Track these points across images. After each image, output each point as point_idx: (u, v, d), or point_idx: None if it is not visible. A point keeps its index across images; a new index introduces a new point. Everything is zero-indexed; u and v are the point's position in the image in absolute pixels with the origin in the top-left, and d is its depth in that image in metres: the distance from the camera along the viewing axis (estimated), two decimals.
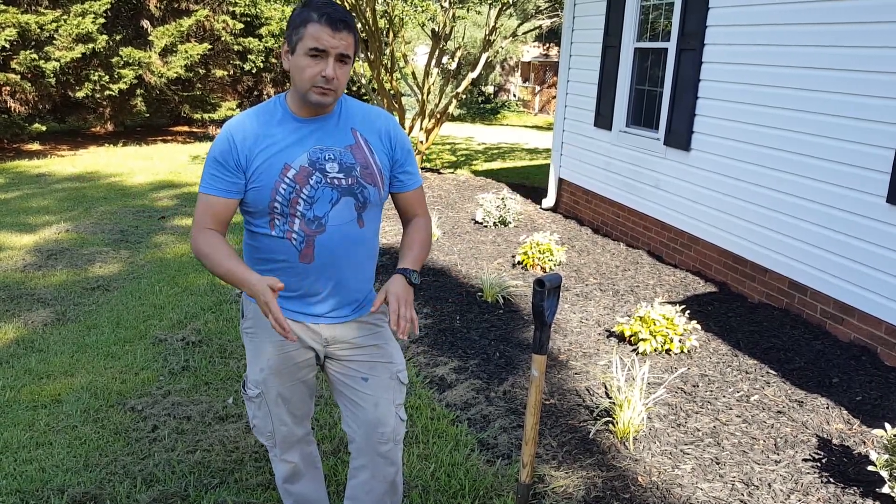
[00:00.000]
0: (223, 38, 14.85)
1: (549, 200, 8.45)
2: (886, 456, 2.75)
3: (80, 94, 13.03)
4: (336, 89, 1.97)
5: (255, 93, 16.91)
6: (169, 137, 15.96)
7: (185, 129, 17.41)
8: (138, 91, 14.11)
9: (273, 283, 1.86)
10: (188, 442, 3.26)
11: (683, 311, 4.50)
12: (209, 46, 14.44)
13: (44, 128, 13.30)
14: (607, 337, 4.47)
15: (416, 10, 9.67)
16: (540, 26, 18.59)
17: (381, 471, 2.24)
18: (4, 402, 3.65)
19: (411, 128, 11.21)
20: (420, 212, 2.28)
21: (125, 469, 3.05)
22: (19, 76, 11.97)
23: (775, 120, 4.95)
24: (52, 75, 12.14)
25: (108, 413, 3.54)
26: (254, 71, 15.82)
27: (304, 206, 2.02)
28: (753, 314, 4.87)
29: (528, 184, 10.26)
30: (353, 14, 10.08)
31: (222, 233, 2.08)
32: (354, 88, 16.04)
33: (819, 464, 3.07)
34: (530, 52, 29.62)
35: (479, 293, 5.18)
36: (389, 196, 2.23)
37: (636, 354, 4.17)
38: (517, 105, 28.65)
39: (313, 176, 2.01)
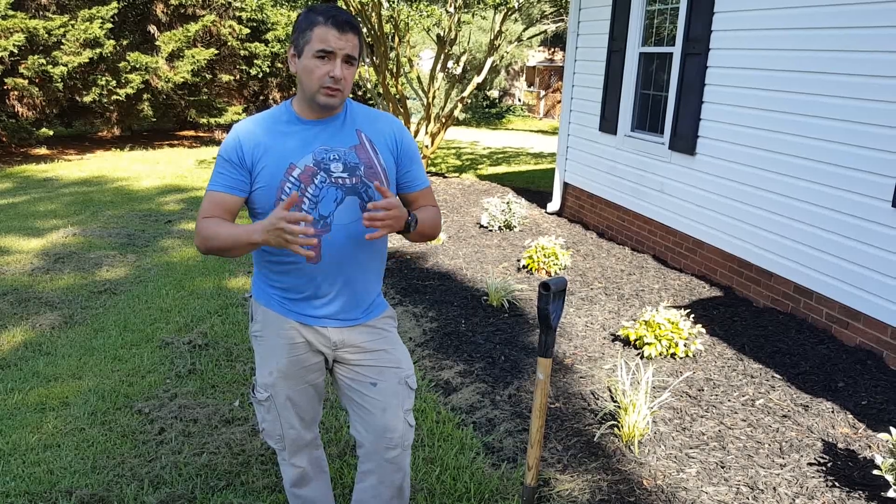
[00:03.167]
0: (229, 43, 14.92)
1: (554, 204, 8.47)
2: (892, 460, 2.75)
3: (87, 99, 13.11)
4: (343, 90, 2.01)
5: (262, 97, 16.98)
6: (175, 142, 16.03)
7: (192, 133, 17.49)
8: (145, 96, 14.19)
9: (280, 207, 1.82)
10: (195, 444, 3.28)
11: (688, 315, 4.50)
12: (216, 51, 14.52)
13: (51, 132, 13.38)
14: (612, 341, 4.47)
15: (421, 15, 9.70)
16: (545, 31, 18.62)
17: (388, 476, 2.24)
18: (13, 405, 3.68)
19: (416, 132, 11.25)
20: (431, 204, 2.28)
21: (132, 471, 3.07)
22: (27, 81, 12.06)
23: (781, 124, 4.95)
24: (59, 80, 12.22)
25: (115, 415, 3.56)
26: (260, 76, 15.89)
27: (310, 206, 2.04)
28: (759, 318, 4.87)
29: (534, 188, 10.27)
30: (359, 19, 10.12)
31: None
32: (360, 93, 16.08)
33: (824, 468, 3.07)
34: (535, 56, 29.65)
35: (485, 297, 5.19)
36: (401, 197, 2.24)
37: (641, 358, 4.18)
38: (522, 109, 28.68)
39: (318, 175, 2.04)
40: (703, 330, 4.47)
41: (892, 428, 2.88)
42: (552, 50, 28.61)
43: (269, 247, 2.09)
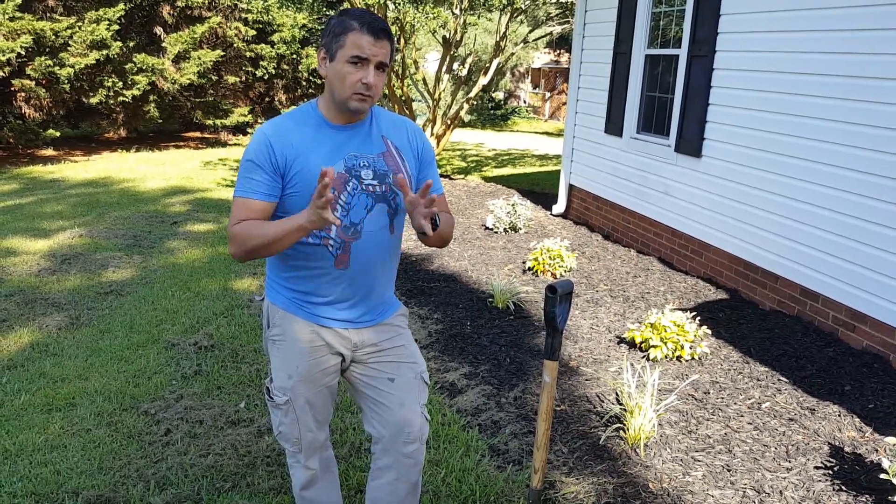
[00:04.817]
0: (235, 45, 14.95)
1: (559, 206, 8.46)
2: None
3: (93, 101, 13.15)
4: (374, 96, 2.02)
5: (267, 99, 17.00)
6: (181, 143, 16.07)
7: (198, 134, 17.53)
8: (151, 97, 14.23)
9: (318, 191, 1.77)
10: (200, 446, 3.29)
11: (694, 317, 4.49)
12: (222, 53, 14.55)
13: (58, 133, 13.43)
14: (618, 343, 4.47)
15: (427, 17, 9.71)
16: (551, 33, 18.63)
17: (405, 471, 2.26)
18: (20, 406, 3.69)
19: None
20: (446, 210, 2.29)
21: (138, 472, 3.08)
22: (34, 82, 12.10)
23: (787, 126, 4.94)
24: (66, 81, 12.26)
25: (121, 417, 3.57)
26: (266, 77, 15.90)
27: (342, 213, 2.05)
28: (765, 321, 4.86)
29: (539, 190, 10.27)
30: None
31: None
32: None
33: (831, 471, 3.06)
34: (541, 58, 29.65)
35: (490, 299, 5.19)
36: None
37: (647, 361, 4.17)
38: (527, 111, 28.68)
39: (350, 182, 2.05)
40: (709, 332, 4.46)
41: None
42: (557, 52, 28.60)
43: (294, 253, 2.08)
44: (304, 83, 16.78)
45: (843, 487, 2.94)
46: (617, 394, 3.77)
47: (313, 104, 2.12)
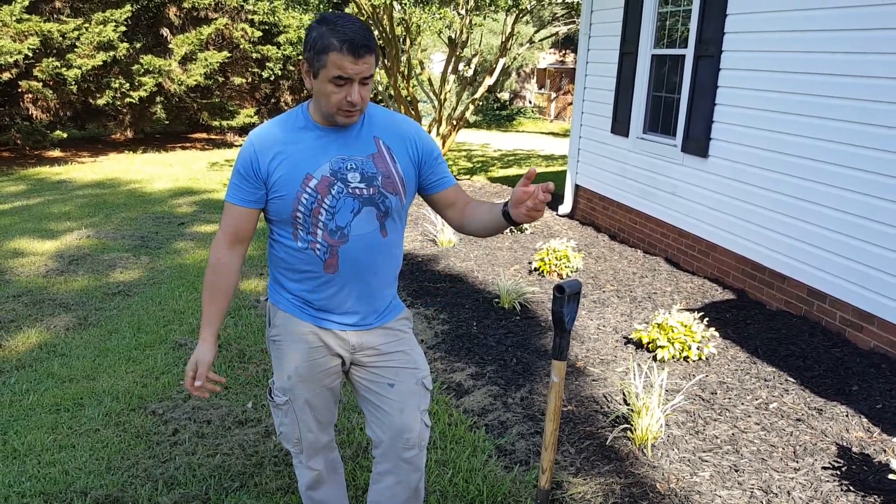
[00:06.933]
0: (242, 46, 14.99)
1: (565, 207, 8.45)
2: None
3: (100, 102, 13.20)
4: (361, 108, 2.00)
5: (273, 100, 17.03)
6: (188, 144, 16.12)
7: (204, 135, 17.58)
8: (158, 98, 14.27)
9: (201, 372, 2.13)
10: (208, 446, 3.30)
11: (701, 318, 4.48)
12: (228, 54, 14.59)
13: (65, 135, 13.49)
14: (625, 344, 4.46)
15: (433, 18, 9.72)
16: (556, 33, 18.63)
17: (405, 476, 2.25)
18: (28, 406, 3.71)
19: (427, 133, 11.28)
20: (468, 199, 2.23)
21: (147, 472, 3.09)
22: (41, 84, 12.16)
23: (794, 127, 4.93)
24: (73, 83, 12.31)
25: (129, 417, 3.59)
26: (272, 78, 15.94)
27: (326, 217, 2.03)
28: (772, 321, 4.85)
29: None
30: (371, 21, 10.15)
31: (245, 243, 2.16)
32: (371, 95, 16.12)
33: (839, 472, 3.05)
34: (546, 58, 29.63)
35: (496, 299, 5.19)
36: (435, 197, 2.21)
37: (654, 361, 4.17)
38: (533, 111, 28.65)
39: (335, 186, 2.02)
40: (716, 333, 4.45)
41: None
42: (563, 52, 28.56)
43: (285, 256, 2.13)
44: None
45: (851, 488, 2.93)
46: (624, 394, 3.76)
47: (304, 107, 2.09)
